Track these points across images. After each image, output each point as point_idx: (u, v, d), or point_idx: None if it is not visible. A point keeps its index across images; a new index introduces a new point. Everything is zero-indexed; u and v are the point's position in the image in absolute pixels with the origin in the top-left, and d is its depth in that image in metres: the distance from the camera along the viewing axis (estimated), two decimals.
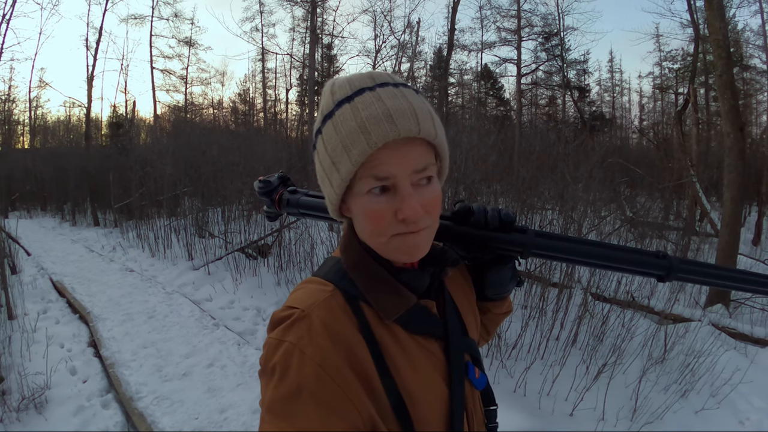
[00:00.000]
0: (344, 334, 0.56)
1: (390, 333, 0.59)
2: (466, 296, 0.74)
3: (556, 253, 0.70)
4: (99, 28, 16.54)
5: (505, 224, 0.69)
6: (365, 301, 0.59)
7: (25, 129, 20.77)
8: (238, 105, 23.03)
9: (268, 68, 21.97)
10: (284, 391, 0.52)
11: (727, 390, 3.10)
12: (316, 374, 0.52)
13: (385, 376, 0.56)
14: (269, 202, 0.95)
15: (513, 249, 0.70)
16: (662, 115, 21.19)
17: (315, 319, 0.55)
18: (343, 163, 0.54)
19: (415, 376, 0.59)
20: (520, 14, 17.24)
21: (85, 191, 12.45)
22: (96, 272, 6.79)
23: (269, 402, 0.52)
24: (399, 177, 0.54)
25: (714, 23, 4.94)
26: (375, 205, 0.55)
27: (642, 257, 0.68)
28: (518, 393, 3.10)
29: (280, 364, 0.53)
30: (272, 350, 0.55)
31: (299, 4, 16.85)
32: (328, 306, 0.57)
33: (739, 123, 4.94)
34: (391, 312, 0.59)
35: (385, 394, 0.56)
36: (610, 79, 23.59)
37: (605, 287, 4.34)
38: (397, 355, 0.58)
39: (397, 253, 0.59)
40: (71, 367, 3.64)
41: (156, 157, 9.12)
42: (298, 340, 0.54)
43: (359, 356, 0.56)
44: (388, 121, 0.53)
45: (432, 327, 0.64)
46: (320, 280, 0.62)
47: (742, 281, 0.70)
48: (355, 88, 0.56)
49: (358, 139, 0.53)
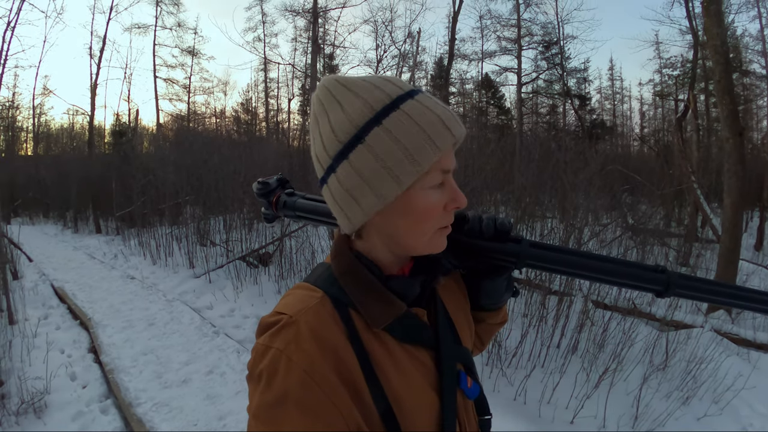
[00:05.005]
0: (332, 341, 0.55)
1: (379, 341, 0.59)
2: (460, 305, 0.73)
3: (551, 264, 0.68)
4: (103, 36, 16.88)
5: (500, 233, 0.68)
6: (354, 308, 0.59)
7: (28, 136, 20.98)
8: (241, 114, 23.17)
9: (270, 78, 22.20)
10: (270, 397, 0.51)
11: (730, 396, 3.08)
12: (302, 381, 0.52)
13: (373, 384, 0.56)
14: (267, 204, 0.95)
15: (508, 259, 0.68)
16: (663, 122, 21.23)
17: (303, 325, 0.55)
18: (406, 169, 0.54)
19: (404, 384, 0.58)
20: (520, 23, 17.44)
21: (87, 199, 12.48)
22: (97, 279, 6.81)
23: (255, 408, 0.52)
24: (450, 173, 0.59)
25: (712, 29, 4.97)
26: (432, 199, 0.57)
27: (640, 271, 0.66)
28: (518, 401, 3.09)
29: (266, 370, 0.53)
30: (259, 356, 0.55)
31: (301, 15, 17.07)
32: (316, 312, 0.57)
33: (739, 128, 4.95)
34: (380, 319, 0.58)
35: (373, 402, 0.55)
36: (610, 87, 23.69)
37: (606, 294, 4.34)
38: (386, 363, 0.58)
39: (432, 248, 0.61)
40: (71, 373, 3.64)
41: (158, 165, 9.19)
42: (286, 346, 0.53)
43: (347, 364, 0.55)
44: (445, 126, 0.55)
45: (422, 335, 0.63)
46: (310, 286, 0.62)
47: (743, 299, 0.67)
48: (392, 97, 0.55)
49: (423, 146, 0.54)
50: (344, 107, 0.56)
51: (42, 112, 20.73)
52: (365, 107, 0.55)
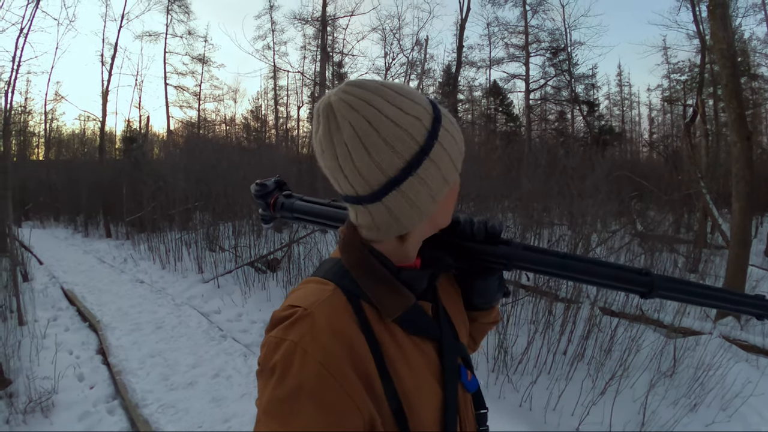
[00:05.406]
0: (347, 333, 0.55)
1: (389, 332, 0.59)
2: (455, 303, 0.75)
3: (539, 266, 0.71)
4: (114, 44, 17.12)
5: (491, 236, 0.71)
6: (366, 300, 0.59)
7: (40, 141, 21.21)
8: (251, 121, 23.35)
9: (279, 86, 22.28)
10: (284, 391, 0.51)
11: (738, 403, 3.02)
12: (318, 374, 0.51)
13: (385, 376, 0.56)
14: (265, 205, 0.97)
15: (498, 261, 0.71)
16: (672, 128, 21.05)
17: (318, 317, 0.55)
18: (453, 174, 0.60)
19: (412, 376, 0.59)
20: (528, 30, 17.43)
21: (97, 203, 12.62)
22: (107, 282, 6.89)
23: (266, 403, 0.51)
24: None
25: (718, 32, 4.93)
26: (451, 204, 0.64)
27: (625, 273, 0.69)
28: (524, 407, 3.08)
29: (280, 363, 0.52)
30: (272, 349, 0.54)
31: (310, 23, 17.24)
32: (331, 304, 0.57)
33: (746, 132, 4.89)
34: (393, 310, 0.59)
35: (384, 394, 0.56)
36: (619, 93, 23.55)
37: (613, 301, 4.30)
38: (396, 354, 0.58)
39: None
40: (79, 374, 3.69)
41: (168, 171, 9.30)
42: (301, 338, 0.53)
43: (361, 355, 0.55)
44: (462, 150, 0.63)
45: (428, 328, 0.65)
46: (320, 279, 0.62)
47: (726, 300, 0.70)
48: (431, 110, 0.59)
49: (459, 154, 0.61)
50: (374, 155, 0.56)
51: (54, 118, 21.01)
52: (400, 161, 0.56)
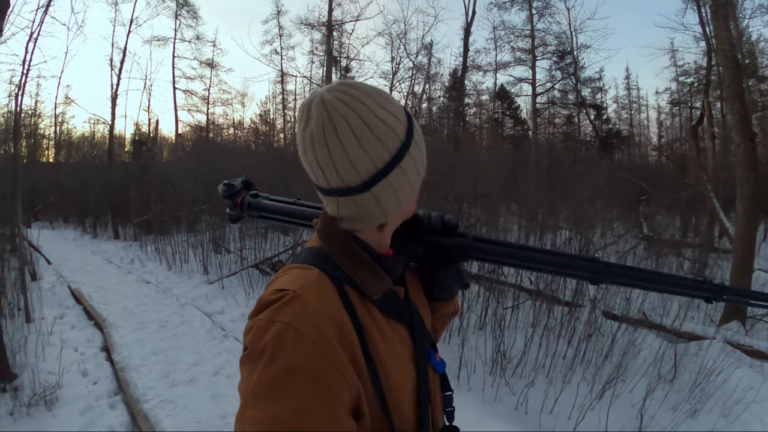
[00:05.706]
0: (336, 314, 0.57)
1: (370, 315, 0.62)
2: (419, 296, 0.79)
3: (494, 256, 0.77)
4: (123, 48, 17.35)
5: (447, 229, 0.76)
6: (348, 283, 0.62)
7: (50, 143, 21.39)
8: (259, 125, 23.51)
9: (287, 90, 22.42)
10: (276, 372, 0.51)
11: (740, 409, 2.99)
12: (311, 353, 0.52)
13: (368, 357, 0.59)
14: (232, 205, 1.00)
15: (455, 252, 0.77)
16: (680, 131, 20.78)
17: (309, 298, 0.56)
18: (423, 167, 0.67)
19: (391, 357, 0.62)
20: (534, 34, 17.39)
21: (106, 205, 12.74)
22: (113, 282, 6.98)
23: (255, 385, 0.51)
24: None
25: (720, 33, 4.92)
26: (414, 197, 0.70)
27: (574, 261, 0.74)
28: (519, 411, 3.07)
29: (271, 344, 0.52)
30: (261, 332, 0.54)
31: (317, 28, 17.36)
32: (318, 286, 0.59)
33: (750, 133, 4.85)
34: (376, 291, 0.63)
35: (368, 373, 0.58)
36: (627, 96, 23.33)
37: (615, 305, 4.26)
38: (377, 336, 0.61)
39: None
40: (83, 369, 3.75)
41: (176, 174, 9.40)
42: (292, 319, 0.53)
43: (349, 336, 0.57)
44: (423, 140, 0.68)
45: (402, 312, 0.69)
46: (302, 265, 0.63)
47: (672, 284, 0.74)
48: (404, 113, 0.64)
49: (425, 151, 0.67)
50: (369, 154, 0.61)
51: (63, 121, 21.20)
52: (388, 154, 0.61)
